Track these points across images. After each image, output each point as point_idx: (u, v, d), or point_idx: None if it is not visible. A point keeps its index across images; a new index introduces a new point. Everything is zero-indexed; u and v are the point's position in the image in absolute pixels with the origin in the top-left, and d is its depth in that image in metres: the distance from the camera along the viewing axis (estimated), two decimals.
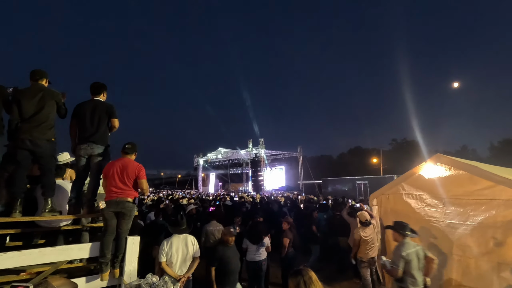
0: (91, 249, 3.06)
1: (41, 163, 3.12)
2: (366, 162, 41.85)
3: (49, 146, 3.13)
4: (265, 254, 4.82)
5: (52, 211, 3.05)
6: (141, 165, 3.26)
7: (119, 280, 3.08)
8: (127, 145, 3.34)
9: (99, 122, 3.36)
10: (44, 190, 3.08)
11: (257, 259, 4.74)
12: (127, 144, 3.35)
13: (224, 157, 37.28)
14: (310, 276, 2.07)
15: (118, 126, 3.55)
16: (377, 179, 21.96)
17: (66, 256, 2.95)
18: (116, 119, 3.52)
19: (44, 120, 3.09)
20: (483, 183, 3.95)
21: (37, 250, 2.81)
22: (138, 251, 3.23)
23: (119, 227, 3.07)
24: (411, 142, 44.91)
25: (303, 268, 2.17)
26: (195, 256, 3.73)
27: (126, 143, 3.36)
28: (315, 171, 33.33)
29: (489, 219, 3.81)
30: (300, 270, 2.15)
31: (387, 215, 5.44)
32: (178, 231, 3.73)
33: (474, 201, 4.02)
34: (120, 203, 3.04)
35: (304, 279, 2.05)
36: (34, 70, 3.26)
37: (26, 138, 2.98)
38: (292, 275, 2.14)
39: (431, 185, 4.64)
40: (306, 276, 2.06)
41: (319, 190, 27.80)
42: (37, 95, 3.09)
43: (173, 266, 3.57)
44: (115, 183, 3.09)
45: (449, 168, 4.45)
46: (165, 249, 3.59)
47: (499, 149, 41.71)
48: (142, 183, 3.20)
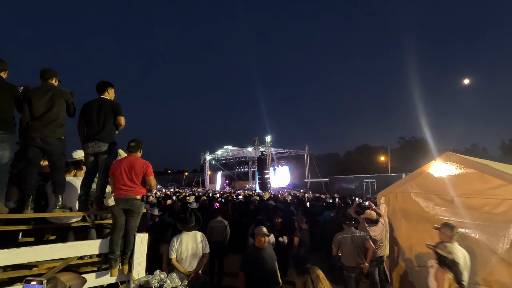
0: (100, 245, 3.10)
1: (51, 161, 3.17)
2: (374, 161, 41.48)
3: (59, 144, 3.17)
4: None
5: (62, 207, 3.10)
6: (148, 162, 3.29)
7: (128, 276, 3.12)
8: (131, 143, 3.37)
9: (105, 120, 3.39)
10: (54, 187, 3.13)
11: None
12: (131, 142, 3.38)
13: (230, 155, 37.37)
14: (318, 274, 2.06)
15: (124, 123, 3.56)
16: (384, 178, 21.74)
17: (76, 252, 3.00)
18: (122, 117, 3.53)
19: (54, 118, 3.14)
20: (494, 182, 3.88)
21: (48, 246, 2.86)
22: (146, 248, 3.28)
23: (128, 224, 3.10)
24: (419, 140, 44.35)
25: (310, 267, 2.16)
26: (205, 252, 3.78)
27: (130, 141, 3.39)
28: (321, 169, 33.20)
29: (500, 218, 3.74)
30: (308, 268, 2.14)
31: (395, 214, 5.38)
32: (187, 228, 3.77)
33: (485, 200, 3.94)
34: (129, 200, 3.08)
35: (312, 277, 2.03)
36: (44, 69, 3.30)
37: (37, 136, 3.03)
38: (299, 273, 2.13)
39: (441, 184, 4.57)
40: (314, 274, 2.05)
41: (325, 188, 27.68)
42: (47, 94, 3.13)
43: (183, 262, 3.61)
44: (124, 181, 3.13)
45: (459, 167, 4.37)
46: (175, 245, 3.64)
47: (510, 147, 40.86)
48: (150, 180, 3.23)
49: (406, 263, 5.03)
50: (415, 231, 4.96)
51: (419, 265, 4.80)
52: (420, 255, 4.81)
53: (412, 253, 4.95)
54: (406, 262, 5.03)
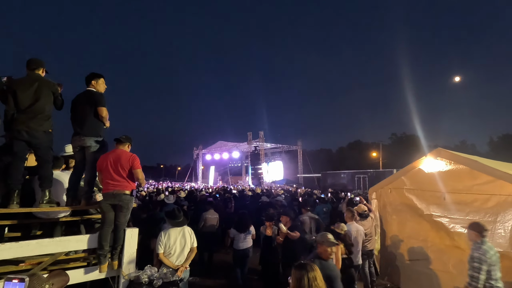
0: (89, 240, 3.05)
1: (38, 155, 3.08)
2: (366, 156, 41.90)
3: (46, 138, 3.08)
4: (251, 242, 5.20)
5: (49, 202, 3.03)
6: (135, 154, 3.21)
7: (118, 271, 3.08)
8: (121, 136, 3.32)
9: (85, 112, 3.28)
10: (41, 181, 3.05)
11: (244, 246, 5.10)
12: (121, 136, 3.32)
13: (223, 150, 37.25)
14: (315, 275, 2.00)
15: (105, 115, 3.37)
16: (376, 173, 22.00)
17: (64, 248, 2.95)
18: (102, 107, 3.33)
19: (41, 111, 3.04)
20: (483, 177, 3.95)
21: (35, 242, 2.80)
22: (137, 243, 3.24)
23: (117, 219, 3.05)
24: (410, 137, 44.85)
25: (309, 263, 2.11)
26: (193, 247, 3.78)
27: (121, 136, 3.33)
28: (314, 164, 33.40)
29: (489, 214, 3.81)
30: (306, 264, 2.09)
31: (386, 209, 5.45)
32: (175, 223, 3.75)
33: (474, 196, 4.01)
34: (117, 195, 3.02)
35: (308, 276, 1.98)
36: (30, 59, 3.18)
37: (22, 129, 2.93)
38: (297, 267, 2.08)
39: (431, 179, 4.63)
40: (311, 273, 2.00)
41: (318, 183, 27.88)
42: (33, 85, 3.02)
43: (171, 257, 3.59)
44: (111, 176, 3.06)
45: (449, 163, 4.43)
46: (163, 240, 3.61)
47: (498, 144, 41.72)
48: (137, 172, 3.15)
49: (397, 256, 5.11)
50: (406, 226, 5.03)
51: (410, 258, 4.88)
52: (411, 249, 4.89)
53: (403, 247, 5.03)
54: (397, 255, 5.11)
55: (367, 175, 22.87)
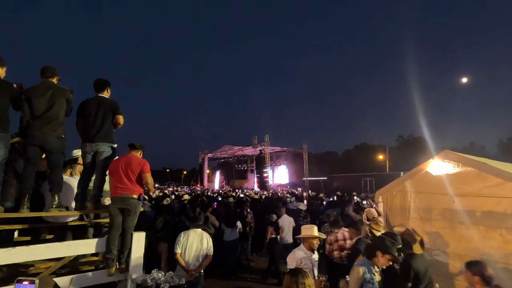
0: (97, 244, 3.08)
1: (50, 159, 3.14)
2: (372, 159, 41.53)
3: (59, 143, 3.16)
4: (237, 234, 6.20)
5: (59, 206, 3.08)
6: (146, 160, 3.28)
7: (125, 275, 3.11)
8: (137, 143, 3.41)
9: (104, 119, 3.37)
10: (51, 186, 3.11)
11: (232, 238, 6.09)
12: (136, 143, 3.41)
13: (229, 153, 37.33)
14: (305, 282, 2.05)
15: (123, 122, 3.56)
16: (383, 176, 21.78)
17: (73, 251, 2.98)
18: (120, 116, 3.52)
19: (55, 117, 3.12)
20: (492, 180, 3.88)
21: (44, 245, 2.85)
22: (144, 247, 3.26)
23: (125, 223, 3.08)
24: (417, 139, 44.43)
25: (302, 271, 2.17)
26: (209, 254, 3.79)
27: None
28: (320, 167, 33.20)
29: (498, 217, 3.75)
30: (300, 271, 2.16)
31: (393, 212, 5.39)
32: (195, 225, 3.84)
33: (483, 199, 3.94)
34: (125, 199, 3.06)
35: (299, 282, 2.04)
36: (45, 67, 3.25)
37: (37, 135, 3.02)
38: (291, 273, 2.15)
39: (439, 182, 4.56)
40: (302, 280, 2.05)
41: (324, 187, 27.71)
42: (48, 92, 3.11)
43: (185, 259, 3.63)
44: (120, 179, 3.11)
45: (457, 165, 4.36)
46: (182, 241, 3.68)
47: (508, 145, 41.01)
48: (146, 177, 3.20)
49: None
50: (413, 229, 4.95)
51: None
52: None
53: None
54: None
55: (373, 178, 22.67)
